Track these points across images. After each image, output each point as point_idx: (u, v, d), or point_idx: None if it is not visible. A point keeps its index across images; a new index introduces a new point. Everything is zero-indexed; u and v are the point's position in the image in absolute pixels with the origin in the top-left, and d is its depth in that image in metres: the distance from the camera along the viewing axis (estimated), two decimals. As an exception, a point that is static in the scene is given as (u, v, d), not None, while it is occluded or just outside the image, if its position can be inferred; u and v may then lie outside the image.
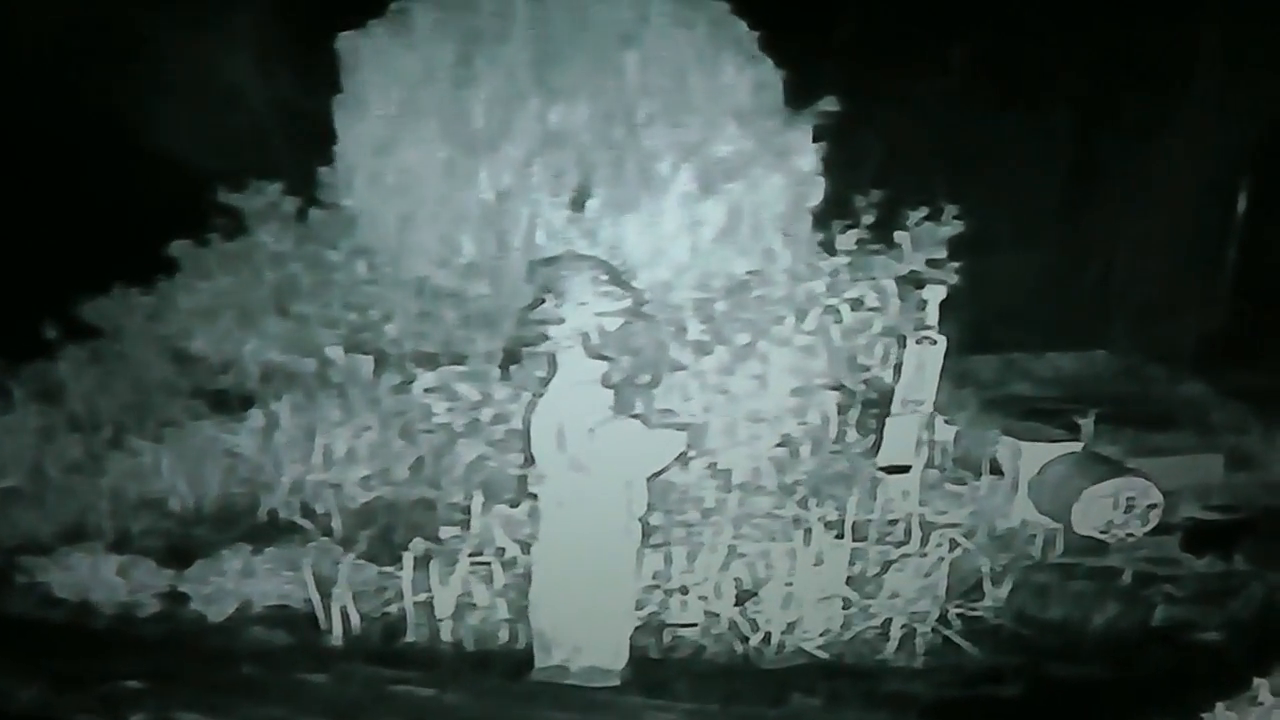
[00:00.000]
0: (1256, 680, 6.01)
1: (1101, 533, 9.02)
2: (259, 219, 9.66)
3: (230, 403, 9.35)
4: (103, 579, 7.69)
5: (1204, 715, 5.78)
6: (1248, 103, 13.06)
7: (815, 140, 9.38)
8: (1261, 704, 5.88)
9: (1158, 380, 12.73)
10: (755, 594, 7.63)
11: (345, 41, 9.40)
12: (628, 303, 6.94)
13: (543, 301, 7.06)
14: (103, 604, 7.58)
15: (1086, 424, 9.98)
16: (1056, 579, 8.53)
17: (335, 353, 9.19)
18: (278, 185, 9.68)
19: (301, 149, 9.74)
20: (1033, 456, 9.38)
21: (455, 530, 7.94)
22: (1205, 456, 10.44)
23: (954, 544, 8.34)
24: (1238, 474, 10.42)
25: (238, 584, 7.67)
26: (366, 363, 9.15)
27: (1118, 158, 14.03)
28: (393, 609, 7.47)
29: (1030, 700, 7.08)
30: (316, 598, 7.43)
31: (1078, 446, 9.55)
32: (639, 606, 7.19)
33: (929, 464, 9.39)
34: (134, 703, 5.63)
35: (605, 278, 7.06)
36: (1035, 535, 9.03)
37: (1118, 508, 9.02)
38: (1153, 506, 9.10)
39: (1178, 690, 6.40)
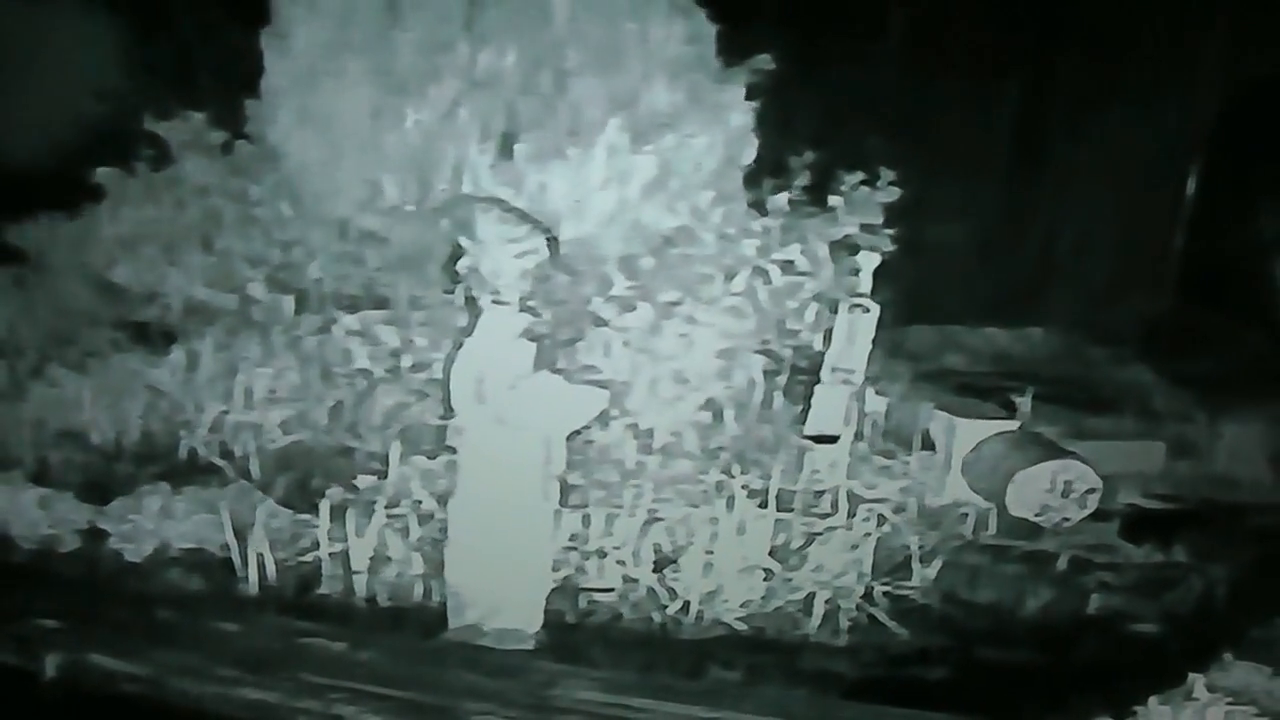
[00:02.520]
0: (1192, 675, 6.03)
1: (1037, 516, 8.90)
2: (185, 149, 9.59)
3: (152, 336, 9.33)
4: (22, 511, 7.62)
5: (1137, 709, 5.76)
6: (1201, 81, 12.97)
7: (749, 98, 9.32)
8: (1197, 699, 5.87)
9: (1099, 362, 12.55)
10: (674, 561, 7.56)
11: None
12: (540, 242, 6.99)
13: (459, 246, 7.18)
14: (21, 538, 7.52)
15: (1024, 402, 9.91)
16: (988, 561, 8.44)
17: (257, 290, 9.19)
18: (204, 116, 9.60)
19: (229, 81, 9.62)
20: (967, 433, 9.22)
21: (372, 480, 7.92)
22: (1147, 443, 10.33)
23: (882, 519, 8.28)
24: (1180, 463, 10.31)
25: (157, 524, 7.59)
26: (288, 302, 9.16)
27: (1063, 129, 13.87)
28: (308, 558, 7.40)
29: (958, 683, 7.03)
30: (233, 542, 7.36)
31: (1014, 425, 9.41)
32: (555, 568, 7.13)
33: (858, 435, 9.29)
34: (49, 643, 5.59)
35: (515, 218, 7.15)
36: (967, 514, 8.93)
37: (1054, 491, 8.89)
38: (1091, 491, 8.96)
39: (1111, 681, 6.39)
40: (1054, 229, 13.94)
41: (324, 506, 7.41)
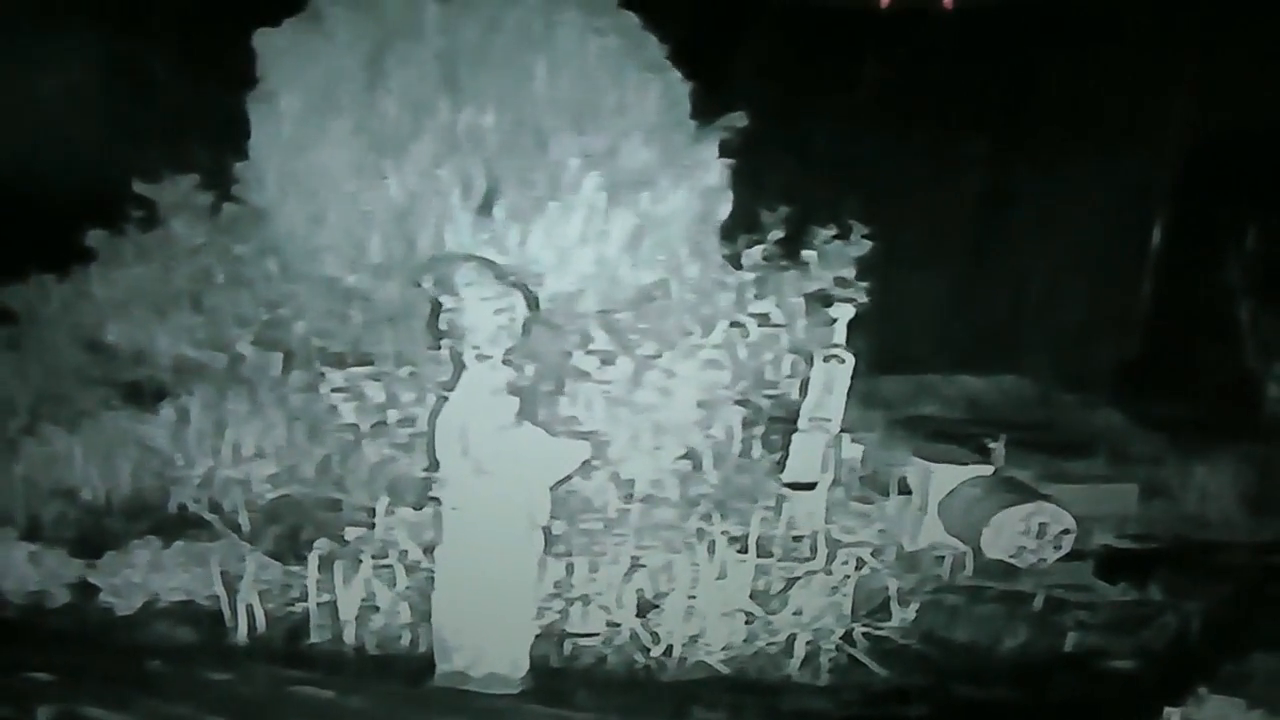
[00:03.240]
0: (1168, 710, 6.09)
1: (1012, 557, 8.94)
2: (173, 211, 9.64)
3: (143, 395, 9.34)
4: (13, 568, 7.67)
5: None
6: (1163, 135, 13.03)
7: (723, 155, 9.30)
8: None
9: (1071, 407, 12.58)
10: (657, 605, 7.62)
11: (261, 38, 9.27)
12: (518, 299, 6.98)
13: (440, 303, 7.12)
14: (12, 593, 7.58)
15: (998, 448, 9.85)
16: (965, 601, 8.51)
17: (245, 348, 9.22)
18: (193, 179, 9.67)
19: (217, 144, 9.61)
20: (943, 478, 9.29)
21: (360, 531, 7.94)
22: (1120, 485, 10.36)
23: (860, 563, 8.31)
24: (1153, 504, 10.36)
25: (146, 577, 7.64)
26: (276, 360, 9.19)
27: (1029, 184, 13.94)
28: (297, 609, 7.46)
29: None
30: (223, 594, 7.41)
31: (989, 470, 9.46)
32: (540, 615, 7.17)
33: (835, 482, 9.27)
34: (41, 695, 5.55)
35: (492, 275, 7.09)
36: (944, 557, 8.99)
37: (1029, 533, 8.94)
38: (1065, 533, 9.02)
39: (1088, 717, 6.60)
40: (1024, 279, 13.96)
41: (312, 558, 7.46)
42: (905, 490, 9.45)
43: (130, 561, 7.75)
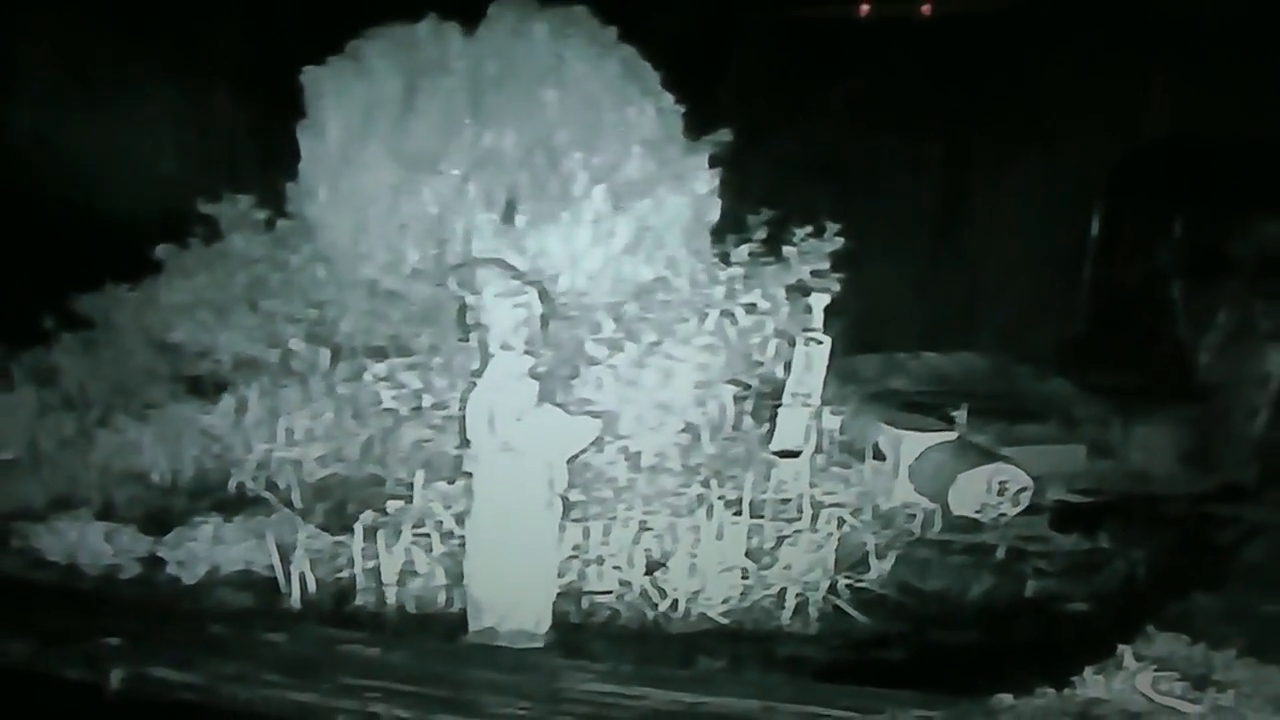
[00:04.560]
0: (1121, 647, 5.84)
1: (976, 513, 8.65)
2: (233, 226, 9.29)
3: (205, 387, 9.02)
4: (89, 544, 7.29)
5: (1074, 679, 5.55)
6: (1099, 138, 12.73)
7: (711, 166, 9.14)
8: (1126, 668, 5.67)
9: (1024, 378, 12.25)
10: (663, 564, 7.32)
11: (308, 75, 9.09)
12: (533, 295, 6.83)
13: (466, 301, 7.04)
14: (88, 567, 7.20)
15: (960, 415, 9.58)
16: (936, 554, 8.19)
17: (297, 344, 8.91)
18: (250, 198, 9.33)
19: (271, 167, 9.47)
20: (912, 444, 9.00)
21: (400, 504, 7.64)
22: (1070, 446, 10.13)
23: (841, 521, 8.07)
24: (1100, 462, 10.09)
25: (209, 550, 7.25)
26: (324, 354, 8.90)
27: (982, 184, 13.78)
28: (344, 574, 7.13)
29: (914, 663, 6.84)
30: (278, 563, 7.08)
31: (953, 435, 9.18)
32: (560, 575, 6.87)
33: (817, 449, 9.04)
34: (114, 658, 5.34)
35: (510, 275, 7.02)
36: (915, 514, 8.62)
37: (991, 491, 8.65)
38: (1023, 490, 8.75)
39: (1050, 656, 6.10)
40: (979, 267, 13.64)
41: (358, 529, 7.14)
42: (879, 455, 9.18)
43: (194, 536, 7.36)
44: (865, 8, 13.78)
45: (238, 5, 11.28)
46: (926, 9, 13.89)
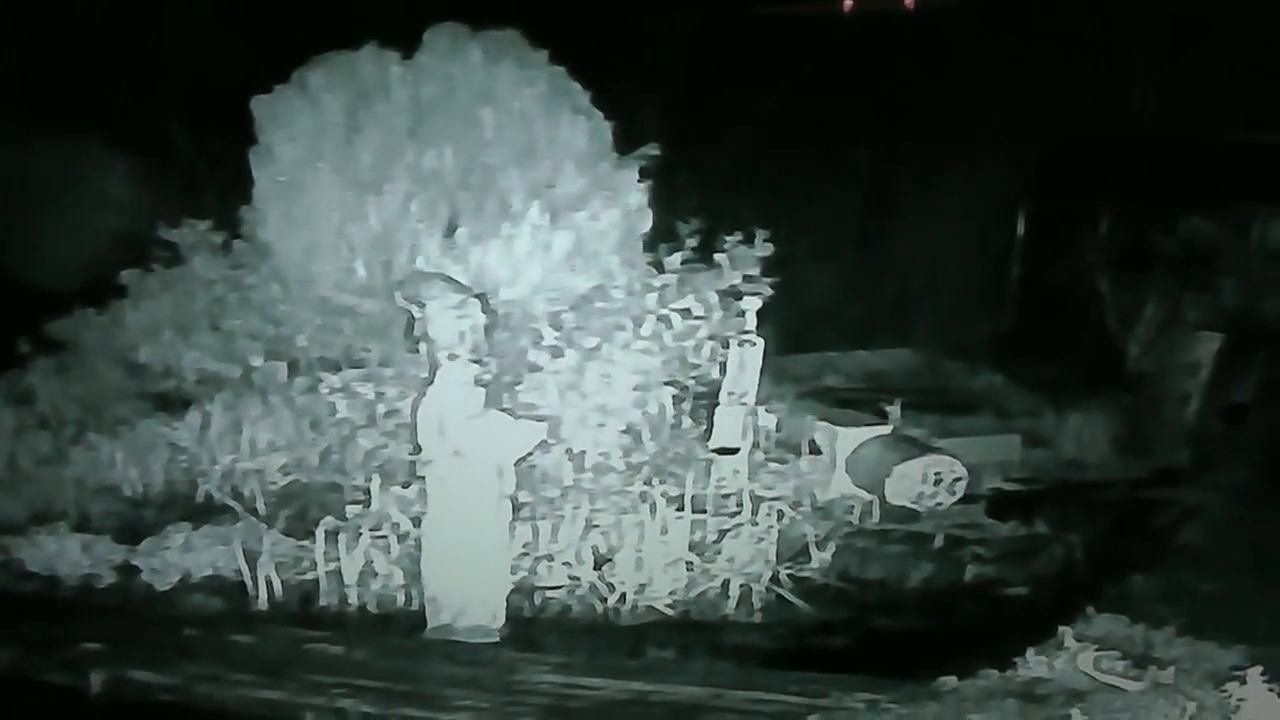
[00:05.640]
0: (1061, 629, 5.84)
1: (913, 503, 8.64)
2: (193, 250, 9.35)
3: (172, 403, 9.05)
4: (67, 555, 7.35)
5: (1016, 660, 5.56)
6: (1024, 139, 12.73)
7: (642, 179, 9.16)
8: (1068, 649, 5.65)
9: (956, 373, 12.19)
10: (610, 560, 7.36)
11: (258, 103, 9.12)
12: (476, 307, 6.86)
13: (413, 314, 7.04)
14: (67, 577, 7.27)
15: (894, 410, 9.49)
16: (875, 543, 8.22)
17: (257, 360, 8.99)
18: (207, 222, 9.39)
19: (227, 192, 9.47)
20: (848, 439, 9.00)
21: (358, 509, 7.69)
22: (1004, 437, 10.11)
23: (781, 514, 8.04)
24: (1034, 451, 10.10)
25: (179, 557, 7.34)
26: (282, 368, 8.97)
27: (909, 185, 13.73)
28: (308, 577, 7.20)
29: (858, 649, 6.89)
30: (245, 568, 7.16)
31: (887, 430, 9.17)
32: (512, 572, 6.92)
33: (755, 446, 9.03)
34: (94, 663, 5.41)
35: (453, 288, 7.01)
36: (853, 506, 8.66)
37: (926, 481, 8.66)
38: (958, 480, 8.74)
39: (991, 639, 6.17)
40: (907, 267, 13.60)
41: (319, 533, 7.21)
42: (815, 450, 9.16)
43: (166, 545, 7.43)
44: (785, 9, 13.90)
45: (190, 37, 11.35)
46: (848, 4, 14.04)
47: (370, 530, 7.31)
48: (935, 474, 8.67)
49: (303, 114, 9.09)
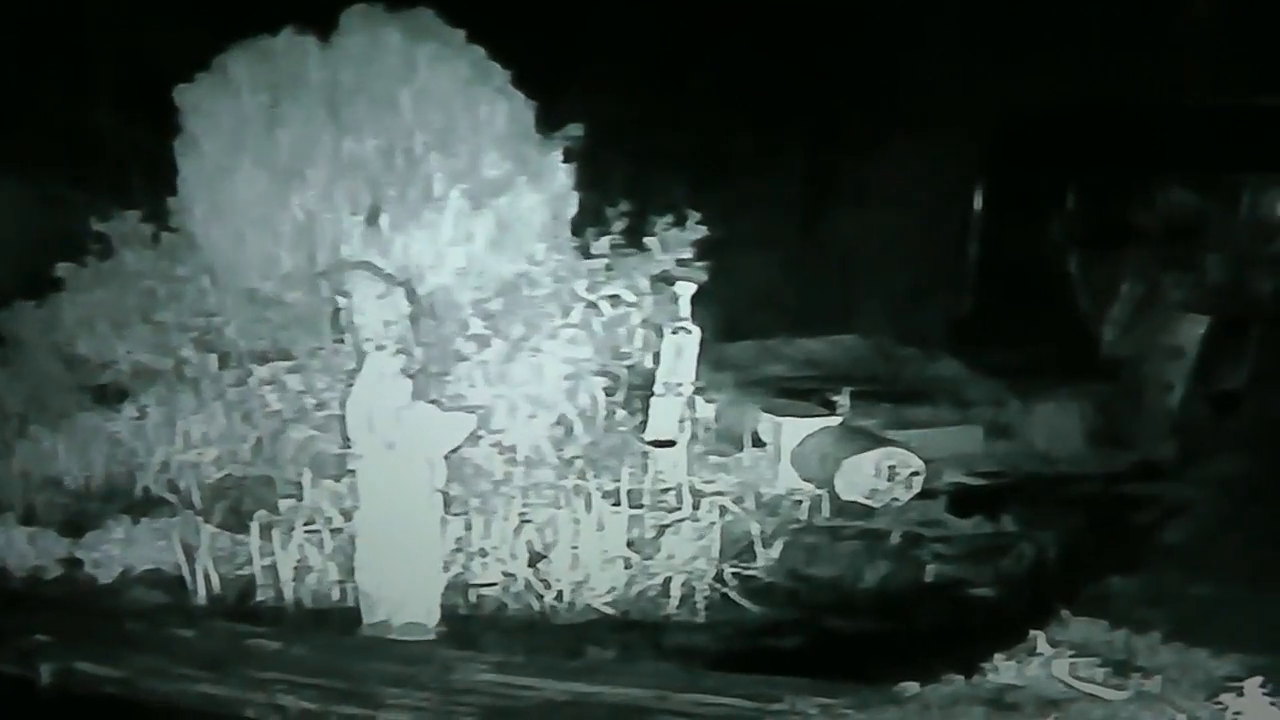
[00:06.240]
0: (1033, 633, 5.81)
1: (866, 498, 8.51)
2: (124, 242, 9.55)
3: (109, 396, 9.24)
4: (15, 547, 7.60)
5: (984, 666, 5.53)
6: (977, 109, 12.47)
7: (566, 161, 9.25)
8: (1041, 654, 5.65)
9: (910, 360, 11.98)
10: (546, 556, 7.40)
11: (181, 92, 9.26)
12: (400, 295, 7.25)
13: (338, 304, 7.37)
14: (15, 569, 7.50)
15: (843, 400, 9.40)
16: (826, 540, 8.12)
17: (188, 352, 9.15)
18: (136, 213, 9.60)
19: (154, 183, 9.61)
20: (793, 430, 8.88)
21: (291, 502, 7.81)
22: (964, 428, 9.99)
23: (723, 510, 8.07)
24: (998, 443, 9.96)
25: (121, 551, 7.55)
26: (213, 360, 9.11)
27: (852, 160, 13.43)
28: (245, 572, 7.32)
29: (811, 651, 6.83)
30: (184, 562, 7.30)
31: (836, 420, 9.04)
32: (446, 568, 7.01)
33: (693, 438, 9.03)
34: (43, 654, 5.67)
35: (377, 276, 7.35)
36: (801, 501, 8.62)
37: (880, 475, 8.51)
38: (914, 474, 8.58)
39: (956, 642, 6.14)
40: (852, 248, 13.35)
41: (254, 528, 7.33)
42: (759, 443, 9.17)
43: (108, 538, 7.67)
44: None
45: (112, 25, 11.45)
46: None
47: (304, 525, 7.44)
48: (889, 467, 8.55)
49: (224, 102, 9.23)
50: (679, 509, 8.16)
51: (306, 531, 7.42)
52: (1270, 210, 11.13)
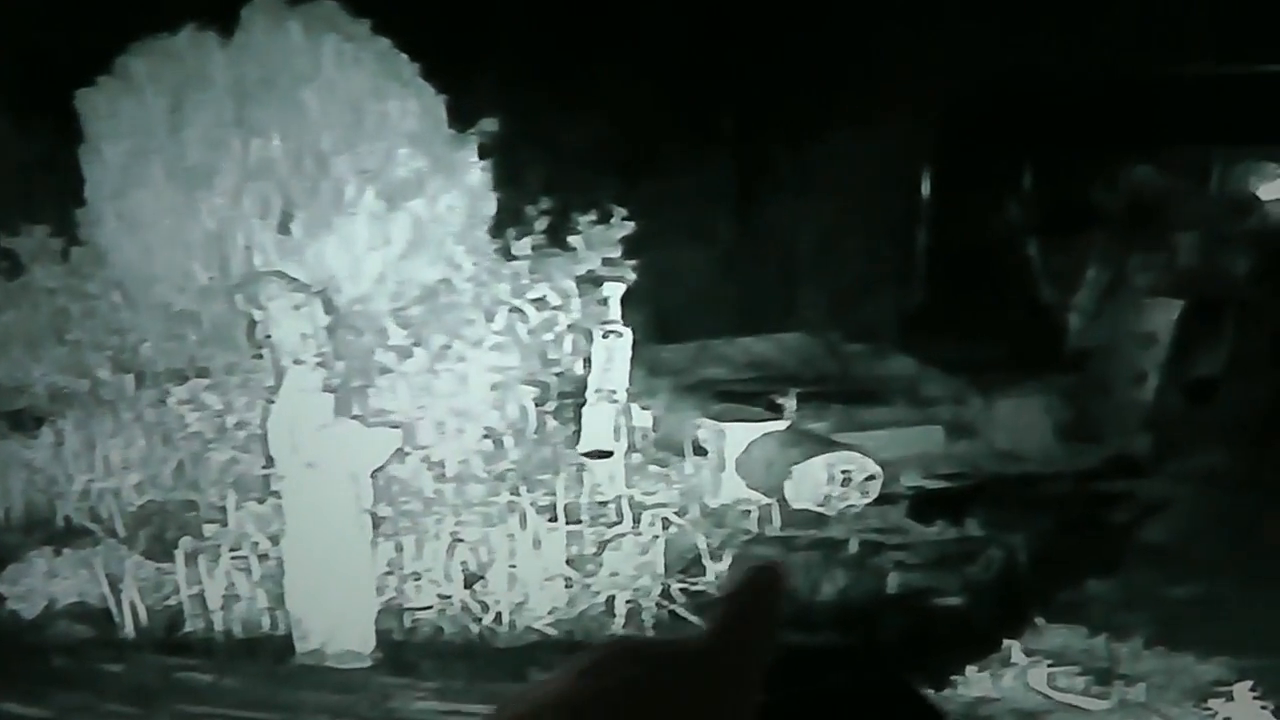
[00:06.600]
0: (1007, 641, 5.83)
1: (819, 506, 8.37)
2: (33, 258, 9.51)
3: (25, 421, 9.16)
4: None
5: (955, 678, 5.56)
6: (920, 89, 12.22)
7: (481, 157, 9.20)
8: (1016, 664, 5.68)
9: (860, 357, 11.78)
10: (482, 577, 7.35)
11: (81, 97, 9.19)
12: (316, 305, 7.17)
13: (253, 319, 7.31)
14: None
15: (789, 402, 9.30)
16: (778, 551, 7.98)
17: (104, 373, 9.07)
18: (45, 228, 9.54)
19: (60, 194, 9.53)
20: (736, 436, 8.75)
21: (215, 527, 7.77)
22: (923, 428, 9.85)
23: (667, 523, 7.99)
24: (959, 443, 9.82)
25: (44, 583, 7.48)
26: (129, 381, 9.04)
27: (787, 150, 13.11)
28: (172, 601, 7.27)
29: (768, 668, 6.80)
30: (109, 593, 7.24)
31: (783, 424, 8.92)
32: (379, 592, 6.96)
33: (630, 448, 8.96)
34: None
35: (291, 287, 7.29)
36: (750, 511, 8.51)
37: (833, 481, 8.37)
38: (870, 478, 8.45)
39: (924, 654, 6.12)
40: (792, 240, 13.13)
41: (179, 555, 7.29)
42: (700, 451, 9.04)
43: (30, 571, 7.61)
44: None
45: (4, 27, 11.15)
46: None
47: (230, 550, 7.39)
48: (843, 472, 8.42)
49: (127, 106, 9.18)
50: (619, 523, 8.12)
51: (233, 558, 7.39)
52: (1242, 185, 11.07)
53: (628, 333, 8.96)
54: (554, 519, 7.82)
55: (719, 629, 0.92)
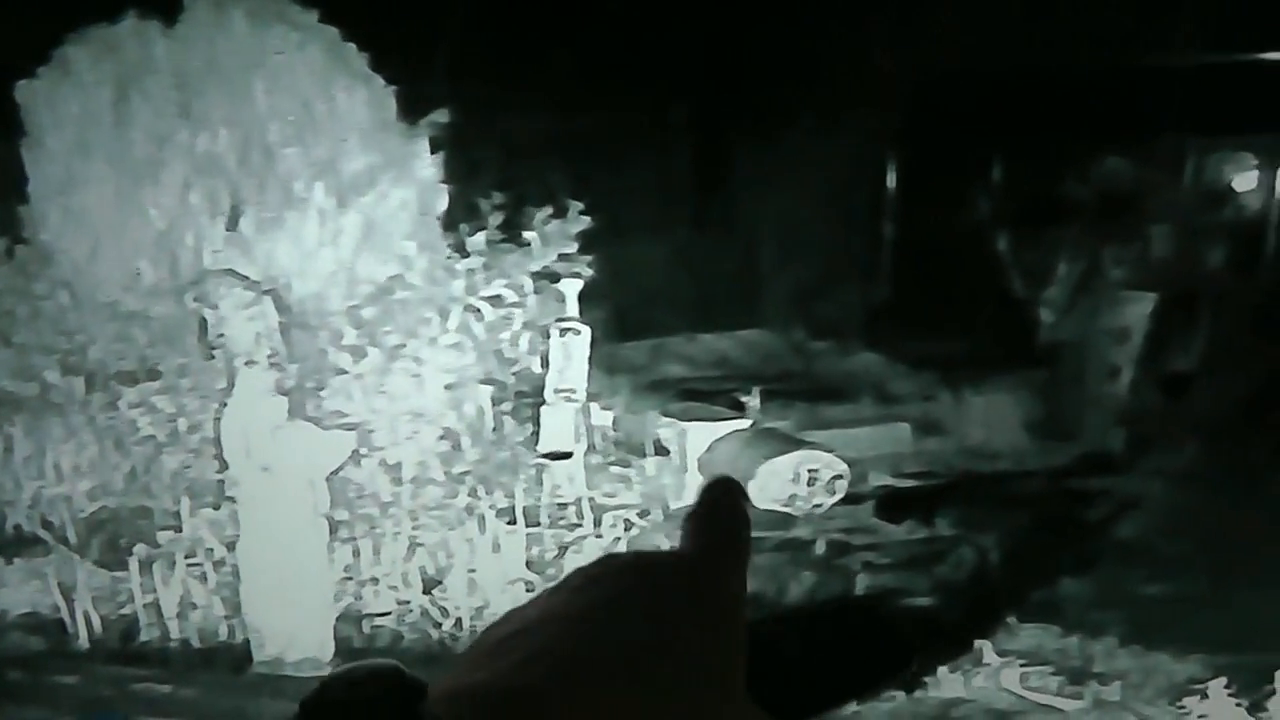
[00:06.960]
0: (979, 642, 5.91)
1: (785, 506, 8.45)
2: None
3: None
4: None
5: (926, 679, 5.61)
6: (883, 82, 12.27)
7: (433, 150, 9.17)
8: (988, 665, 5.76)
9: (824, 354, 11.89)
10: (440, 581, 7.39)
11: (21, 89, 9.14)
12: (268, 304, 7.21)
13: (205, 319, 7.32)
14: None
15: (752, 401, 9.37)
16: None
17: (53, 376, 9.02)
18: None
19: (3, 191, 9.46)
20: (699, 435, 8.82)
21: (170, 534, 7.79)
22: (890, 426, 9.94)
23: (629, 524, 8.07)
24: (929, 441, 9.93)
25: None
26: (79, 384, 8.99)
27: (745, 144, 13.19)
28: (127, 610, 7.28)
29: None
30: (62, 604, 7.24)
31: (746, 423, 8.99)
32: (337, 598, 6.98)
33: (590, 449, 9.00)
34: None
35: (242, 286, 7.34)
36: None
37: (799, 480, 8.47)
38: (837, 478, 8.53)
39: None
40: (752, 235, 13.16)
41: (133, 563, 7.28)
42: (662, 451, 9.10)
43: None
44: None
45: None
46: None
47: (185, 558, 7.42)
48: (809, 472, 8.51)
49: (68, 98, 9.13)
50: (580, 525, 8.16)
51: (189, 565, 7.41)
52: (1216, 175, 11.22)
53: (586, 330, 9.00)
54: (513, 521, 7.85)
55: (693, 541, 0.99)
